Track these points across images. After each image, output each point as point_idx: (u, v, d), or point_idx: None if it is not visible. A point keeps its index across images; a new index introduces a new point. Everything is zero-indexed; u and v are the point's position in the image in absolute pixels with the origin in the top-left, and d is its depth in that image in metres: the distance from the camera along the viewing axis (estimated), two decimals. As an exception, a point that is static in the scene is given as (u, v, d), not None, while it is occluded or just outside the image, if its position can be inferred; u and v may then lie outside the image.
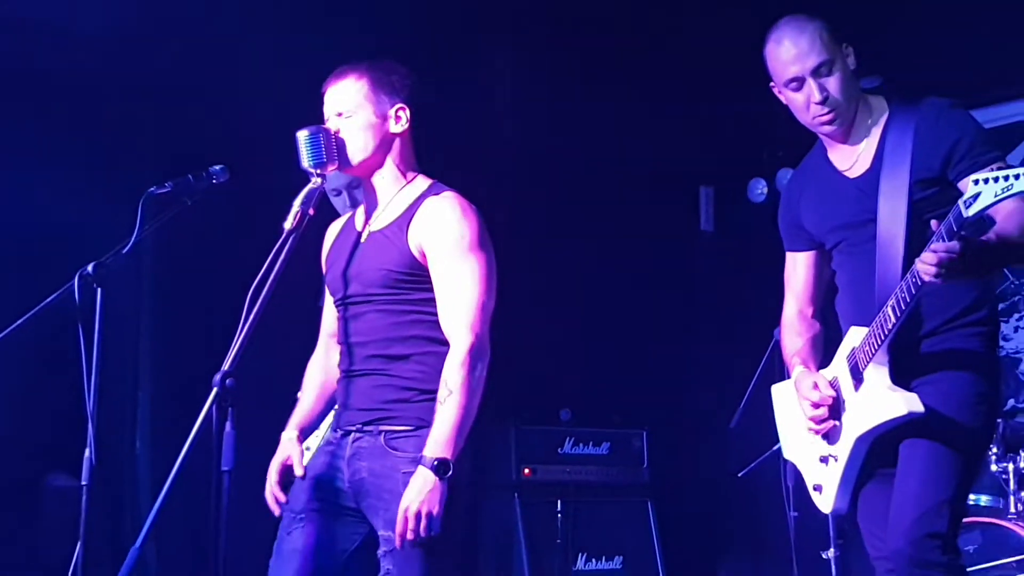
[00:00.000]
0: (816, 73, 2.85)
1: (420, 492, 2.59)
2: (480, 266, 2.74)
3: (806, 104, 2.88)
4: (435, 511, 2.59)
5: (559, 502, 5.44)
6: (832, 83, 2.86)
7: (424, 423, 2.67)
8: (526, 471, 5.48)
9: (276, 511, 2.85)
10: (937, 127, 2.81)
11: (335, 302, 2.89)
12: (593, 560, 5.49)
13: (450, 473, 2.61)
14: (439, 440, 2.62)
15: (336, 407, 2.92)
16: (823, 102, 2.85)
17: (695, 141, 6.16)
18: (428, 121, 2.90)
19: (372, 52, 2.89)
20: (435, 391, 2.68)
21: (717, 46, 5.30)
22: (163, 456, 3.27)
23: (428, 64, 2.93)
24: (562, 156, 5.95)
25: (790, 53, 2.86)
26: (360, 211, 2.93)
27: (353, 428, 2.77)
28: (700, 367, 6.01)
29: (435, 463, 2.60)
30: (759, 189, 6.39)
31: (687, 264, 6.48)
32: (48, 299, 3.07)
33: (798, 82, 2.87)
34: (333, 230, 3.02)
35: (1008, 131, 5.81)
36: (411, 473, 2.63)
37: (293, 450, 2.84)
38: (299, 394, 3.79)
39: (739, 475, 5.03)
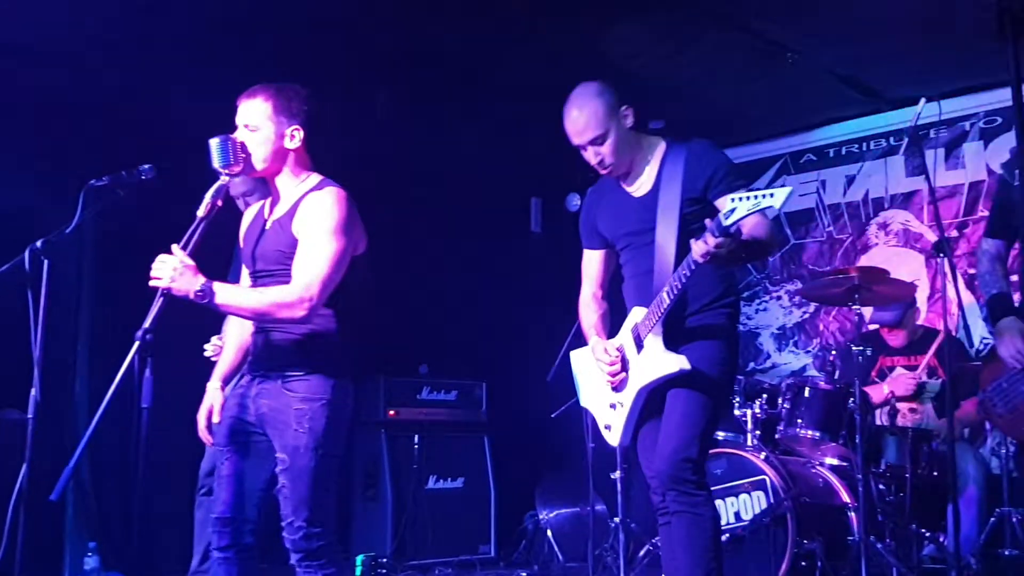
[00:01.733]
0: (592, 143, 2.90)
1: (182, 283, 2.48)
2: (335, 249, 2.60)
3: (588, 160, 2.96)
4: (175, 286, 2.46)
5: (416, 436, 5.47)
6: (605, 149, 2.90)
7: (313, 369, 2.61)
8: (391, 412, 5.49)
9: (210, 445, 2.82)
10: (702, 160, 2.87)
11: (249, 274, 2.82)
12: (441, 481, 5.53)
13: (204, 298, 2.47)
14: (226, 293, 2.52)
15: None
16: (599, 164, 2.93)
17: (528, 163, 6.21)
18: (322, 134, 2.81)
19: (278, 78, 2.79)
20: (325, 345, 2.63)
21: (549, 94, 5.34)
22: (96, 395, 3.17)
23: (323, 89, 2.86)
24: (428, 170, 5.93)
25: (571, 129, 2.92)
26: (268, 202, 2.86)
27: (258, 374, 2.71)
28: (527, 334, 6.06)
29: (205, 285, 2.48)
30: (574, 201, 6.52)
31: (520, 256, 6.54)
32: (3, 268, 2.95)
33: (581, 148, 2.94)
34: (248, 216, 2.93)
35: (754, 165, 6.11)
36: (302, 410, 2.57)
37: (216, 398, 2.80)
38: (215, 347, 3.73)
39: (552, 416, 5.13)
